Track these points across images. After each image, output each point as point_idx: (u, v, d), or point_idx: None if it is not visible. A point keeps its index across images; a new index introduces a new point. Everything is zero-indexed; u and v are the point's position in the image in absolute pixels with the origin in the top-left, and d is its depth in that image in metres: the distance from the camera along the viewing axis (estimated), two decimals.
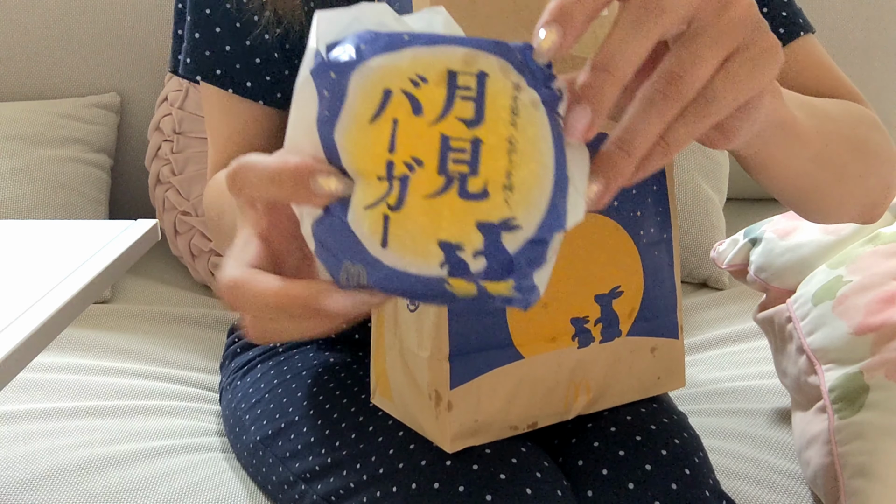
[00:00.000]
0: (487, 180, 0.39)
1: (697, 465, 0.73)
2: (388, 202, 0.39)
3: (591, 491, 0.72)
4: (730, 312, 1.34)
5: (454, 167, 0.39)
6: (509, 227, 0.40)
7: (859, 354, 0.86)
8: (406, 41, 0.40)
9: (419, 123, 0.39)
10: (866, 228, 0.98)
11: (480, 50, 0.40)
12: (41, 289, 0.70)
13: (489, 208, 0.39)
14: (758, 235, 1.07)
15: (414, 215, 0.39)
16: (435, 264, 0.39)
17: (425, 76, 0.39)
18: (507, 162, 0.39)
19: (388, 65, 0.39)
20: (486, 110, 0.40)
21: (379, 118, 0.39)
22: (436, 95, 0.39)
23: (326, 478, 0.77)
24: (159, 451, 0.97)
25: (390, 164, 0.39)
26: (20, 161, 1.46)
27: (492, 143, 0.39)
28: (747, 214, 1.63)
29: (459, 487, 0.67)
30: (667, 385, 0.78)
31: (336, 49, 0.40)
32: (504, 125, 0.40)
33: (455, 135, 0.39)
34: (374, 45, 0.40)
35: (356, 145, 0.39)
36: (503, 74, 0.40)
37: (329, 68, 0.40)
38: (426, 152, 0.39)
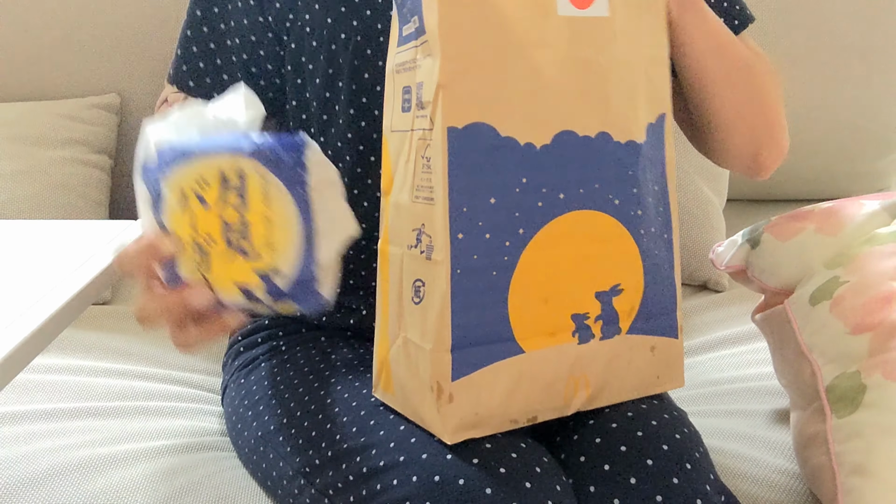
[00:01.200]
0: (256, 245, 0.61)
1: (698, 460, 0.74)
2: (202, 266, 0.62)
3: (594, 486, 0.72)
4: (729, 314, 1.34)
5: (234, 238, 0.61)
6: (276, 273, 0.61)
7: (857, 354, 0.87)
8: (192, 154, 0.61)
9: (208, 213, 0.61)
10: (864, 229, 0.98)
11: (240, 155, 0.60)
12: (41, 289, 0.70)
13: (261, 263, 0.61)
14: (756, 236, 1.07)
15: (218, 271, 0.62)
16: (240, 298, 0.63)
17: (207, 179, 0.61)
18: (267, 231, 0.61)
19: (182, 173, 0.61)
20: (249, 199, 0.60)
21: (184, 209, 0.62)
22: (214, 192, 0.61)
23: (326, 471, 0.77)
24: (160, 450, 0.97)
25: (196, 242, 0.62)
26: (21, 162, 1.46)
27: (255, 221, 0.61)
28: (747, 216, 1.63)
29: (459, 481, 0.67)
30: (666, 384, 0.78)
31: (153, 160, 0.62)
32: (260, 207, 0.60)
33: (230, 219, 0.61)
34: (172, 160, 0.61)
35: (174, 226, 0.62)
36: (255, 171, 0.60)
37: (146, 172, 0.62)
38: (215, 232, 0.61)
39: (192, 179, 0.61)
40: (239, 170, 0.60)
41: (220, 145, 0.61)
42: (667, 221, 0.76)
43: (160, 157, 0.62)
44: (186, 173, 0.61)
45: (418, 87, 0.70)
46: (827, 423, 0.86)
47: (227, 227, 0.61)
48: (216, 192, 0.61)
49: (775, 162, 0.95)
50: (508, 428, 0.71)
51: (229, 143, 0.61)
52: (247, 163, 0.60)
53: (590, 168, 0.70)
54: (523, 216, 0.68)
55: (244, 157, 0.60)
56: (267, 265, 0.61)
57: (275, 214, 0.60)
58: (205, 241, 0.61)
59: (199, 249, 0.62)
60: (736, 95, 0.88)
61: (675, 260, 0.77)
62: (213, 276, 0.62)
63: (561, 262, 0.70)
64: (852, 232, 0.98)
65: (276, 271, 0.61)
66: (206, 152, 0.61)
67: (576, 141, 0.69)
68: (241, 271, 0.62)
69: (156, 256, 0.63)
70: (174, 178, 0.61)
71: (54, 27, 1.60)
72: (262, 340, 0.98)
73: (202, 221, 0.61)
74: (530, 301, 0.69)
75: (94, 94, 1.63)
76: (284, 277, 0.61)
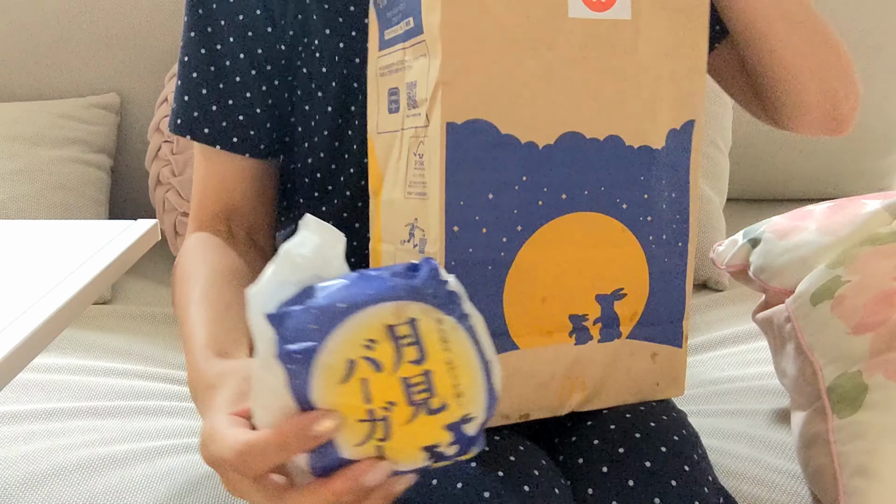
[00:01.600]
0: (443, 396, 0.52)
1: (696, 461, 0.73)
2: (378, 437, 0.52)
3: (592, 489, 0.72)
4: (730, 313, 1.34)
5: (418, 397, 0.52)
6: (467, 420, 0.53)
7: (858, 354, 0.87)
8: (345, 311, 0.51)
9: (383, 376, 0.51)
10: (865, 228, 0.98)
11: (401, 300, 0.52)
12: (41, 289, 0.70)
13: (450, 414, 0.53)
14: (757, 236, 1.07)
15: (399, 438, 0.52)
16: (422, 461, 0.53)
17: (373, 338, 0.51)
18: (452, 378, 0.53)
19: (343, 340, 0.51)
20: (426, 347, 0.52)
21: (349, 381, 0.51)
22: (387, 350, 0.51)
23: None
24: (159, 450, 0.97)
25: (370, 412, 0.51)
26: (20, 161, 1.46)
27: (437, 369, 0.52)
28: (747, 215, 1.63)
29: (458, 484, 0.67)
30: (665, 392, 0.78)
31: (291, 333, 0.51)
32: (441, 353, 0.52)
33: (411, 374, 0.52)
34: (324, 326, 0.51)
35: (333, 403, 0.51)
36: (425, 314, 0.52)
37: (292, 353, 0.51)
38: (395, 395, 0.51)
39: (357, 344, 0.51)
40: (407, 318, 0.52)
41: (372, 294, 0.52)
42: (682, 230, 0.75)
43: (307, 322, 0.51)
44: (350, 337, 0.51)
45: (409, 87, 0.70)
46: (828, 424, 0.86)
47: (409, 386, 0.51)
48: (389, 350, 0.51)
49: (853, 109, 0.87)
50: (500, 423, 0.71)
51: (381, 288, 0.52)
52: (414, 307, 0.52)
53: (596, 170, 0.70)
54: (522, 214, 0.68)
55: (410, 302, 0.52)
56: (458, 415, 0.53)
57: (456, 356, 0.53)
58: (382, 409, 0.51)
59: (372, 419, 0.51)
60: (797, 34, 0.82)
61: (689, 270, 0.76)
62: (393, 445, 0.52)
63: (560, 262, 0.70)
64: (853, 231, 0.98)
65: (468, 418, 0.53)
66: (360, 306, 0.51)
67: (582, 143, 0.69)
68: (430, 430, 0.52)
69: (306, 445, 0.52)
70: (337, 346, 0.51)
71: (53, 26, 1.59)
72: None
73: (378, 387, 0.51)
74: (527, 298, 0.69)
75: (94, 93, 1.63)
76: (474, 422, 0.54)
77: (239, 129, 0.89)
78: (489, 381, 0.54)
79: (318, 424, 0.51)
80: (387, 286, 0.52)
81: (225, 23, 0.88)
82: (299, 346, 0.51)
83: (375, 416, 0.51)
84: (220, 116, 0.89)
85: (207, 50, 0.89)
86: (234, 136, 0.90)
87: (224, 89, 0.89)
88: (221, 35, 0.89)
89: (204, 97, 0.89)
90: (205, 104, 0.89)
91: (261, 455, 0.53)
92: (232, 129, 0.89)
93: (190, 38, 0.89)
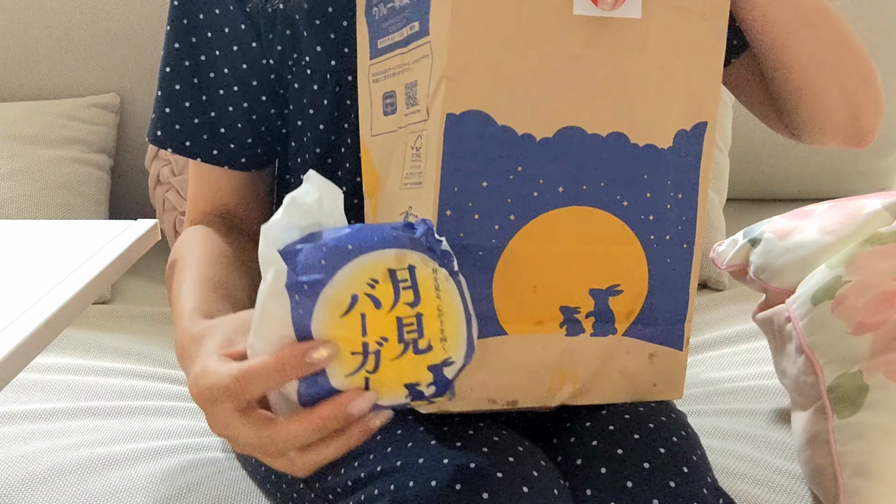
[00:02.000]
0: (430, 338, 0.58)
1: (696, 462, 0.73)
2: (367, 368, 0.57)
3: (590, 490, 0.72)
4: (730, 313, 1.34)
5: (408, 336, 0.58)
6: (448, 364, 0.60)
7: (859, 354, 0.87)
8: (352, 252, 0.57)
9: (380, 314, 0.57)
10: (866, 228, 0.98)
11: (404, 248, 0.58)
12: (41, 289, 0.70)
13: (434, 356, 0.59)
14: (757, 236, 1.07)
15: (386, 372, 0.58)
16: (402, 398, 0.59)
17: (376, 278, 0.57)
18: (440, 323, 0.59)
19: (349, 276, 0.57)
20: (421, 292, 0.58)
21: (349, 314, 0.57)
22: (387, 291, 0.57)
23: (324, 476, 0.77)
24: (159, 451, 0.97)
25: (365, 345, 0.57)
26: (20, 161, 1.46)
27: (428, 314, 0.58)
28: (747, 215, 1.63)
29: (456, 485, 0.67)
30: (663, 394, 0.77)
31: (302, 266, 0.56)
32: (433, 300, 0.59)
33: (405, 315, 0.58)
34: (332, 262, 0.57)
35: (331, 335, 0.57)
36: (424, 264, 0.59)
37: (303, 284, 0.56)
38: (389, 331, 0.57)
39: (362, 281, 0.57)
40: (407, 264, 0.58)
41: (377, 241, 0.58)
42: (689, 232, 0.75)
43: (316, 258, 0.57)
44: (356, 274, 0.57)
45: (409, 87, 0.71)
46: (829, 424, 0.86)
47: (402, 325, 0.58)
48: (389, 290, 0.57)
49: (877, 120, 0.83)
50: (486, 407, 0.71)
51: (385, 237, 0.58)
52: (414, 256, 0.58)
53: (596, 166, 0.70)
54: (516, 203, 0.69)
55: (410, 251, 0.58)
56: (440, 358, 0.59)
57: (445, 305, 0.59)
58: (376, 343, 0.57)
59: (364, 352, 0.57)
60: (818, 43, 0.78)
61: (693, 272, 0.76)
62: (379, 378, 0.58)
63: (554, 254, 0.70)
64: (854, 231, 0.98)
65: (448, 361, 0.60)
66: (366, 250, 0.57)
67: (582, 138, 0.69)
68: (414, 368, 0.58)
69: (301, 372, 0.56)
70: (343, 281, 0.57)
71: (53, 27, 1.59)
72: None
73: (374, 323, 0.57)
74: (518, 287, 0.70)
75: (94, 93, 1.63)
76: (454, 366, 0.60)
77: (220, 142, 0.90)
78: (470, 333, 0.60)
79: (316, 352, 0.55)
80: (391, 235, 0.58)
81: (211, 35, 0.88)
82: (309, 277, 0.56)
83: (368, 350, 0.57)
84: (201, 129, 0.90)
85: (191, 62, 0.89)
86: (214, 148, 0.90)
87: (206, 101, 0.89)
88: (206, 47, 0.88)
89: (186, 109, 0.90)
90: (187, 117, 0.90)
91: (257, 378, 0.56)
92: (212, 142, 0.90)
93: (174, 49, 0.89)
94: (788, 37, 0.78)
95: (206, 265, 0.81)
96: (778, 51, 0.79)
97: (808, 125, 0.84)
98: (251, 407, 0.59)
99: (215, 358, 0.61)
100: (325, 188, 0.60)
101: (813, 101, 0.81)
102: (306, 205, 0.59)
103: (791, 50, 0.78)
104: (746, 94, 0.90)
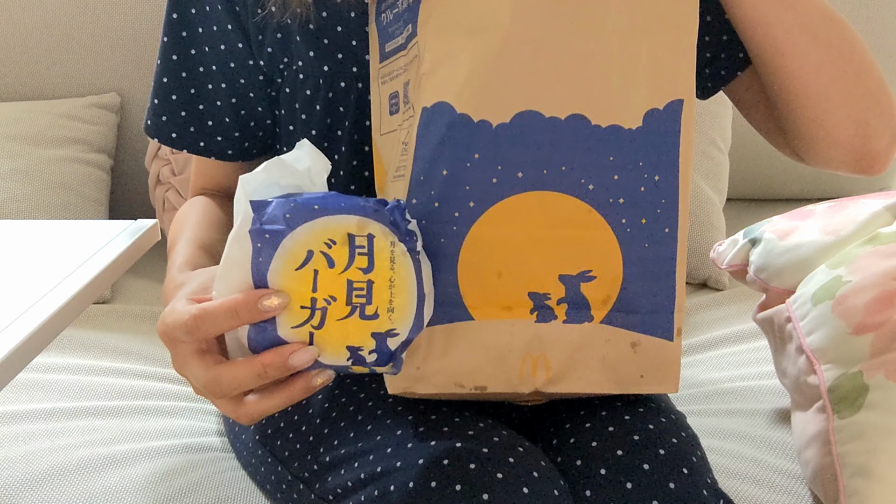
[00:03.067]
0: (378, 307, 0.61)
1: (695, 464, 0.73)
2: (313, 324, 0.61)
3: (590, 491, 0.72)
4: (730, 313, 1.34)
5: (356, 300, 0.61)
6: (392, 334, 0.62)
7: (859, 354, 0.87)
8: (317, 211, 0.60)
9: (332, 273, 0.60)
10: (866, 228, 0.98)
11: (367, 217, 0.61)
12: (41, 289, 0.70)
13: (378, 324, 0.61)
14: (757, 236, 1.07)
15: (330, 331, 0.61)
16: (344, 360, 0.62)
17: (334, 239, 0.60)
18: (390, 294, 0.61)
19: (309, 233, 0.60)
20: (375, 261, 0.61)
21: (303, 268, 0.60)
22: (342, 253, 0.60)
23: (324, 477, 0.77)
24: (159, 451, 0.97)
25: (314, 300, 0.60)
26: (20, 161, 1.46)
27: (379, 283, 0.61)
28: (747, 215, 1.63)
29: (456, 486, 0.67)
30: (654, 386, 0.75)
31: (268, 216, 0.60)
32: (387, 270, 0.61)
33: (356, 279, 0.61)
34: (297, 216, 0.60)
35: (284, 286, 0.60)
36: (383, 235, 0.61)
37: (264, 232, 0.60)
38: (338, 292, 0.60)
39: (320, 239, 0.60)
40: (367, 232, 0.61)
41: (343, 206, 0.61)
42: (669, 214, 0.73)
43: (284, 211, 0.60)
44: (315, 232, 0.60)
45: (405, 87, 0.73)
46: (829, 424, 0.86)
47: (351, 288, 0.60)
48: (345, 253, 0.60)
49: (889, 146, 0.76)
50: (454, 391, 0.71)
51: (352, 205, 0.61)
52: (375, 226, 0.61)
53: (556, 150, 0.69)
54: (475, 190, 0.69)
55: (372, 221, 0.61)
56: (385, 327, 0.62)
57: (399, 278, 0.62)
58: (324, 300, 0.60)
59: (312, 307, 0.61)
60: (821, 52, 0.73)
61: (679, 257, 0.74)
62: (323, 335, 0.61)
63: (518, 240, 0.70)
64: (854, 231, 0.98)
65: (393, 332, 0.62)
66: (331, 212, 0.61)
67: (540, 122, 0.69)
68: (358, 332, 0.61)
69: (252, 318, 0.59)
70: (302, 236, 0.60)
71: (54, 26, 1.59)
72: None
73: (325, 281, 0.60)
74: (483, 272, 0.70)
75: (94, 93, 1.63)
76: (397, 339, 0.62)
77: (207, 134, 0.91)
78: (420, 310, 0.63)
79: (268, 299, 0.59)
80: (358, 205, 0.61)
81: (201, 31, 0.89)
82: (271, 227, 0.60)
83: (316, 306, 0.60)
84: (188, 122, 0.91)
85: (179, 55, 0.90)
86: (200, 140, 0.92)
87: (194, 95, 0.90)
88: (195, 42, 0.89)
89: (174, 102, 0.91)
90: (174, 109, 0.91)
91: (212, 319, 0.60)
92: (199, 135, 0.91)
93: (164, 42, 0.90)
94: (787, 40, 0.74)
95: (200, 229, 0.86)
96: (774, 56, 0.75)
97: (812, 145, 0.79)
98: (208, 350, 0.63)
99: (184, 300, 0.64)
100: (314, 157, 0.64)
101: (816, 118, 0.77)
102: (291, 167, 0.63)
103: (789, 56, 0.75)
104: (750, 110, 0.88)
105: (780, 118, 0.82)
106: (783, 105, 0.79)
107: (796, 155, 0.84)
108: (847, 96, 0.75)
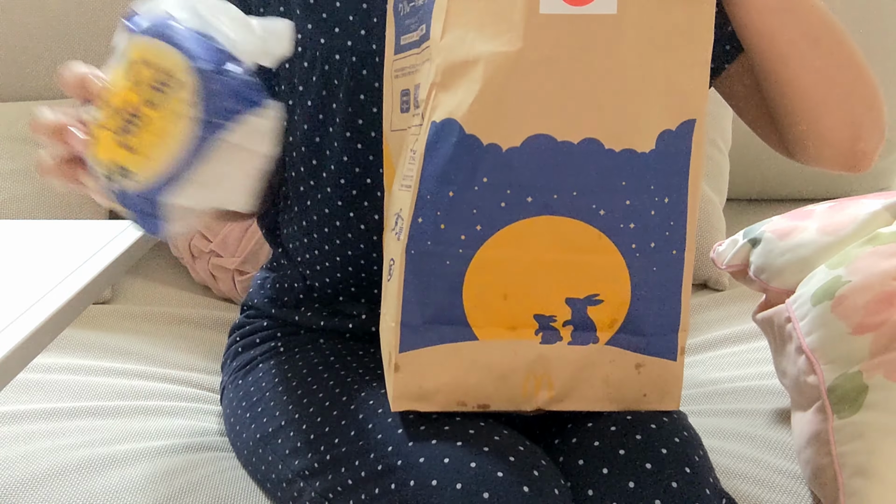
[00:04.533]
0: (134, 141, 0.60)
1: (697, 463, 0.73)
2: (101, 122, 0.63)
3: (592, 490, 0.72)
4: (730, 313, 1.34)
5: (126, 124, 0.61)
6: (125, 173, 0.61)
7: (858, 354, 0.87)
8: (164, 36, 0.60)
9: (126, 87, 0.61)
10: (866, 228, 0.98)
11: (195, 67, 0.59)
12: (41, 289, 0.70)
13: (124, 157, 0.61)
14: (757, 236, 1.07)
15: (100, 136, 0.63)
16: (104, 171, 0.63)
17: (150, 62, 0.60)
18: (151, 139, 0.60)
19: (143, 46, 0.61)
20: (163, 104, 0.59)
21: (119, 68, 0.63)
22: (146, 77, 0.60)
23: (325, 475, 0.77)
24: (159, 450, 0.97)
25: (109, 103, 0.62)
26: (20, 161, 1.46)
27: (152, 125, 0.60)
28: (747, 215, 1.63)
29: (457, 485, 0.67)
30: (655, 404, 0.76)
31: (138, 17, 0.63)
32: (167, 120, 0.59)
33: (137, 106, 0.60)
34: (151, 30, 0.61)
35: (111, 78, 0.64)
36: (192, 91, 0.59)
37: (129, 26, 0.63)
38: (120, 106, 0.61)
39: (146, 55, 0.61)
40: (180, 77, 0.59)
41: (188, 46, 0.60)
42: (678, 237, 0.71)
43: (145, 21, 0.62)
44: (148, 48, 0.61)
45: (416, 89, 0.72)
46: (828, 424, 0.86)
47: (130, 112, 0.61)
48: (148, 78, 0.60)
49: (876, 147, 0.79)
50: (456, 409, 0.72)
51: (197, 50, 0.60)
52: (191, 78, 0.59)
53: (567, 175, 0.67)
54: (482, 214, 0.68)
55: (194, 72, 0.59)
56: (126, 162, 0.61)
57: (171, 136, 0.59)
58: (111, 108, 0.62)
59: (103, 109, 0.63)
60: (822, 57, 0.74)
61: (685, 279, 0.73)
62: (96, 135, 0.63)
63: (525, 263, 0.70)
64: (854, 231, 0.98)
65: (127, 173, 0.61)
66: (173, 42, 0.60)
67: (552, 146, 0.67)
68: (108, 150, 0.62)
69: (81, 93, 0.66)
70: (137, 43, 0.62)
71: (54, 26, 1.59)
72: (260, 341, 0.98)
73: (120, 92, 0.62)
74: (487, 294, 0.70)
75: None
76: (131, 182, 0.61)
77: None
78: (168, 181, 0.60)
79: (93, 81, 0.65)
80: (206, 47, 0.60)
81: None
82: (131, 23, 0.63)
83: (112, 105, 0.62)
84: None
85: None
86: None
87: None
88: None
89: None
90: None
91: (65, 86, 0.68)
92: None
93: None
94: (790, 48, 0.74)
95: None
96: (777, 63, 0.75)
97: (804, 145, 0.80)
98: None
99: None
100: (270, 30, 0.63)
101: (811, 120, 0.78)
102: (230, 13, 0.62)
103: (791, 63, 0.75)
104: (742, 105, 0.88)
105: (774, 118, 0.82)
106: (780, 107, 0.80)
107: (787, 151, 0.85)
108: (843, 100, 0.77)
